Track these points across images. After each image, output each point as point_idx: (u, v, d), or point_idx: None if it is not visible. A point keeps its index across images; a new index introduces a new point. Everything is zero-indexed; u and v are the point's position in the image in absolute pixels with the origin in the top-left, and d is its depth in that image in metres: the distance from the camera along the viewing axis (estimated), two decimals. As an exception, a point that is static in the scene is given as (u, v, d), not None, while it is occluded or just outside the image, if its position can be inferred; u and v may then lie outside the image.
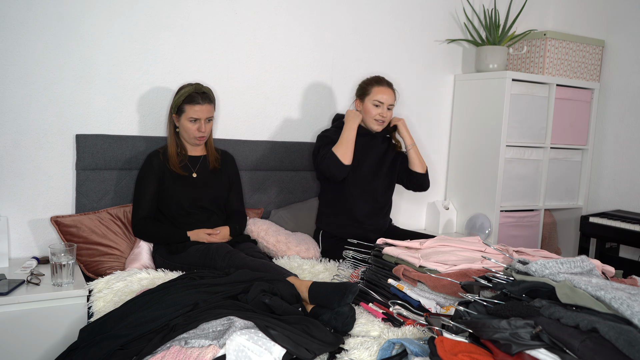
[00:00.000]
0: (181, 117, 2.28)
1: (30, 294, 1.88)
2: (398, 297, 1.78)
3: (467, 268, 1.74)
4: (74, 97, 2.37)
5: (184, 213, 2.32)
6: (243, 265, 2.01)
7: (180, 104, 2.27)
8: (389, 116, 2.54)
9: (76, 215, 2.31)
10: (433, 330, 1.38)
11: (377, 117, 2.52)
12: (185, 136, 2.32)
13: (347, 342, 1.54)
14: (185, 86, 2.30)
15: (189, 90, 2.27)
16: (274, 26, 2.80)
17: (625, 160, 3.29)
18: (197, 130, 2.28)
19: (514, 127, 3.11)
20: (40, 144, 2.33)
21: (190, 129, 2.28)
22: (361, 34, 3.07)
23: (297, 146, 2.88)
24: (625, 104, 3.29)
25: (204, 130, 2.29)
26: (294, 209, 2.81)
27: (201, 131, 2.29)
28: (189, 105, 2.26)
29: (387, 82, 2.56)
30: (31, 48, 2.26)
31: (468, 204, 3.27)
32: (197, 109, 2.26)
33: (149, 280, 2.02)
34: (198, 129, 2.28)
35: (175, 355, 1.35)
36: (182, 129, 2.31)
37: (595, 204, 3.46)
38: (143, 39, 2.49)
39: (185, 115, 2.27)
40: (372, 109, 2.51)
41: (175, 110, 2.29)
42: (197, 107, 2.26)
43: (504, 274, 1.49)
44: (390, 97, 2.52)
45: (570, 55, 3.27)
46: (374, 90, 2.51)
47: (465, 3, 3.38)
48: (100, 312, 1.88)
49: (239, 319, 1.45)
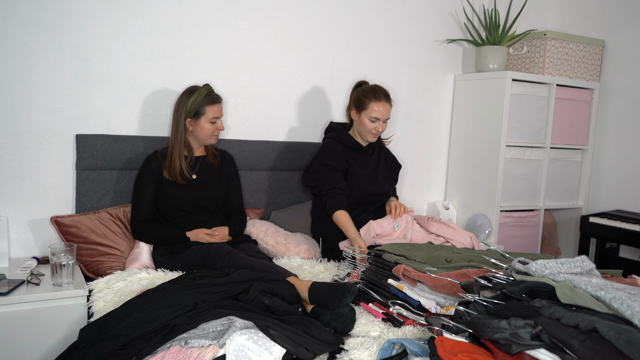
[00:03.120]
0: (200, 120, 2.27)
1: (30, 294, 1.88)
2: (398, 297, 1.78)
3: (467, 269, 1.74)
4: (74, 97, 2.37)
5: (184, 214, 2.32)
6: (243, 265, 2.01)
7: (199, 107, 2.26)
8: (384, 128, 2.54)
9: (76, 215, 2.31)
10: (433, 330, 1.38)
11: (373, 130, 2.51)
12: (202, 137, 2.32)
13: (347, 342, 1.54)
14: (193, 89, 2.28)
15: (203, 92, 2.27)
16: (274, 26, 2.80)
17: (625, 160, 3.29)
18: (215, 130, 2.31)
19: (514, 127, 3.11)
20: (40, 144, 2.33)
21: (209, 130, 2.29)
22: (361, 34, 3.07)
23: (297, 146, 2.88)
24: (626, 104, 3.29)
25: (222, 128, 2.34)
26: (294, 210, 2.81)
27: (219, 129, 2.33)
28: (209, 107, 2.27)
29: (385, 95, 2.50)
30: (31, 48, 2.26)
31: (468, 204, 3.27)
32: (215, 109, 2.28)
33: (149, 280, 2.02)
34: (217, 128, 2.31)
35: (175, 355, 1.35)
36: (199, 131, 2.29)
37: (595, 204, 3.46)
38: (143, 40, 2.49)
39: (206, 117, 2.27)
40: (369, 123, 2.50)
41: (193, 114, 2.27)
42: (215, 107, 2.29)
43: (504, 274, 1.49)
44: (387, 111, 2.50)
45: (570, 55, 3.27)
46: (371, 105, 2.47)
47: (465, 3, 3.38)
48: (100, 312, 1.88)
49: (238, 319, 1.45)
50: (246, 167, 2.73)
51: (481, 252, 2.13)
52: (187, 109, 2.26)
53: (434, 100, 3.35)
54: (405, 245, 2.11)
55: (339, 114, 3.05)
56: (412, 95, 3.27)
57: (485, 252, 2.17)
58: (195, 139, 2.35)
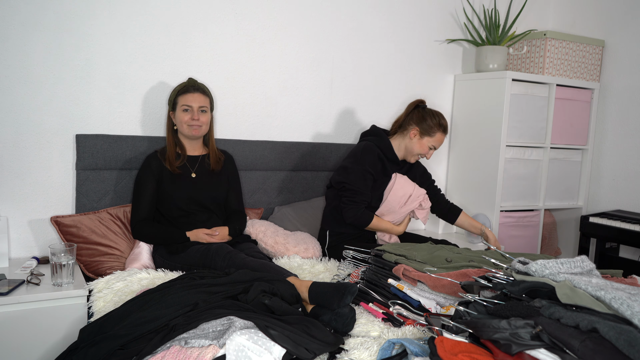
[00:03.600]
0: (176, 111, 2.32)
1: (30, 294, 1.88)
2: (398, 297, 1.78)
3: (467, 269, 1.74)
4: (74, 97, 2.37)
5: (184, 213, 2.32)
6: (243, 265, 2.01)
7: (174, 98, 2.33)
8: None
9: (76, 215, 2.31)
10: (433, 330, 1.38)
11: (426, 156, 2.61)
12: (181, 129, 2.33)
13: (347, 342, 1.54)
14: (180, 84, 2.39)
15: (182, 84, 2.36)
16: (274, 26, 2.80)
17: (625, 160, 3.29)
18: (190, 119, 2.29)
19: (514, 127, 3.11)
20: (40, 144, 2.33)
21: (182, 118, 2.30)
22: (361, 33, 3.07)
23: (297, 146, 2.88)
24: (625, 104, 3.29)
25: (196, 118, 2.30)
26: (297, 207, 2.81)
27: (194, 119, 2.29)
28: (181, 96, 2.32)
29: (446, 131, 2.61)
30: (31, 48, 2.26)
31: (468, 204, 3.27)
32: (188, 97, 2.30)
33: (149, 280, 2.02)
34: (191, 118, 2.29)
35: (175, 355, 1.35)
36: (178, 123, 2.34)
37: (595, 204, 3.46)
38: (143, 39, 2.49)
39: (179, 105, 2.31)
40: (427, 150, 2.59)
41: (171, 107, 2.35)
42: (188, 95, 2.30)
43: (504, 274, 1.49)
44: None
45: (570, 55, 3.27)
46: (438, 136, 2.57)
47: (465, 3, 3.38)
48: (100, 312, 1.88)
49: (238, 319, 1.46)
50: (246, 167, 2.73)
51: (481, 252, 2.13)
52: (168, 101, 2.37)
53: (434, 100, 3.35)
54: (405, 245, 2.11)
55: (338, 114, 3.05)
56: (412, 95, 3.27)
57: (486, 252, 2.17)
58: (183, 135, 2.36)
